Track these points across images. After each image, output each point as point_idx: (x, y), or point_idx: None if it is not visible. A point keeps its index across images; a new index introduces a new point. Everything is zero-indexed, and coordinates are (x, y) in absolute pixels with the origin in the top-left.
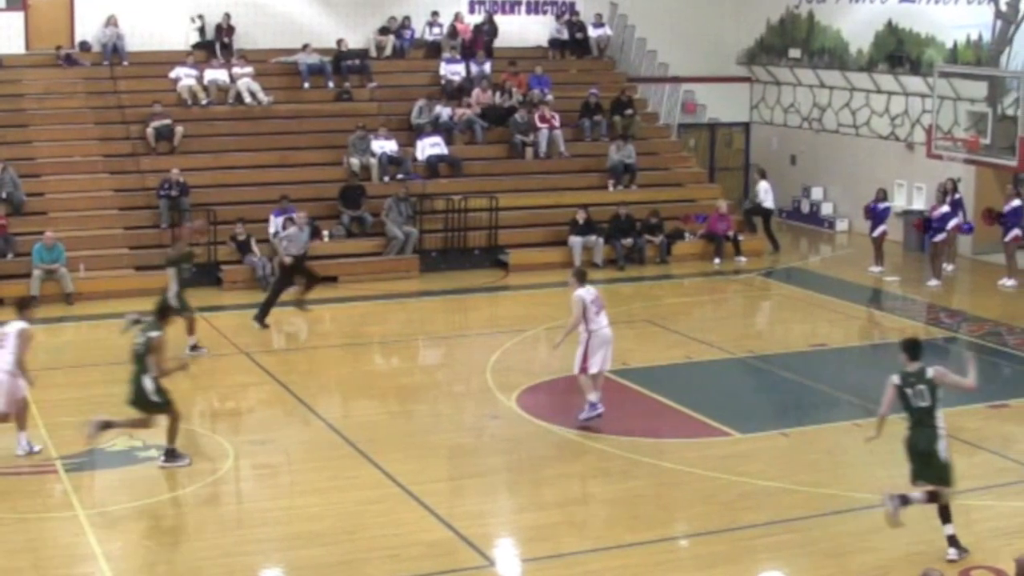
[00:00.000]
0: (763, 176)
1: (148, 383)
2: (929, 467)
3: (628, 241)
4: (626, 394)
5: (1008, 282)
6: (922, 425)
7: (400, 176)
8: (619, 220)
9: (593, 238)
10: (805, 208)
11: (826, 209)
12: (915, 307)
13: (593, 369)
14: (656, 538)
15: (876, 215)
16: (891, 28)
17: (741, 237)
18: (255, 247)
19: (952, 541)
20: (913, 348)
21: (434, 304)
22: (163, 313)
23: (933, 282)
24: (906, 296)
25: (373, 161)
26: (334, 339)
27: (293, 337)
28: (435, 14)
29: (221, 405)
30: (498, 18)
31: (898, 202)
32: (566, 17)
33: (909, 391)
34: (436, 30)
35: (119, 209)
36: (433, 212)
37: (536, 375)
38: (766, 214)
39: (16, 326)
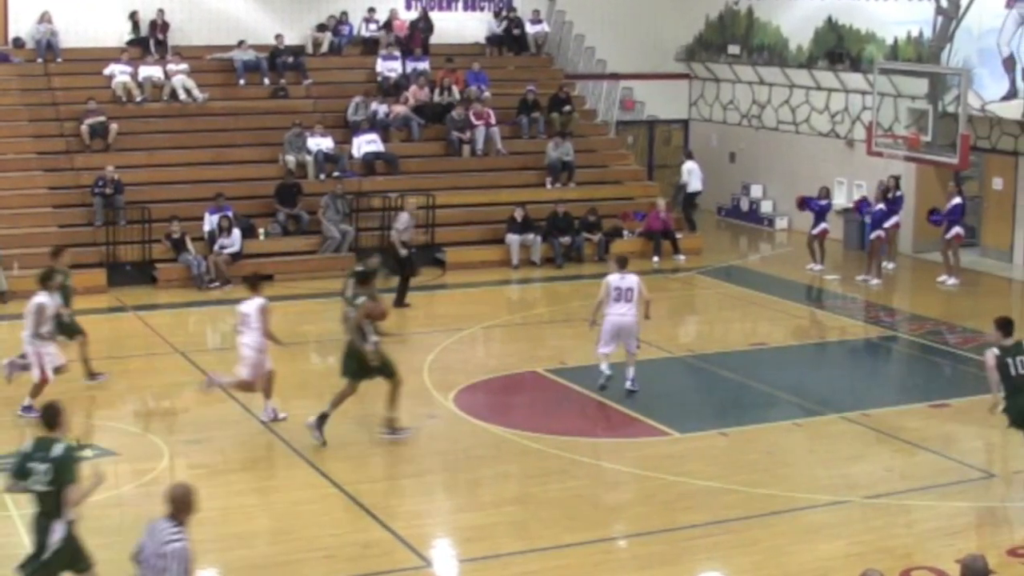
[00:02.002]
0: (689, 157)
1: (368, 348)
2: None
3: (566, 239)
4: (564, 393)
5: (949, 280)
6: None
7: (336, 174)
8: (557, 218)
9: (531, 236)
10: (744, 206)
11: (766, 207)
12: (855, 306)
13: (602, 349)
14: (595, 538)
15: (817, 212)
16: (831, 24)
17: (680, 235)
18: (190, 245)
19: None
20: (1007, 325)
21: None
22: (366, 278)
23: (874, 280)
24: (846, 295)
25: (309, 159)
26: None
27: (229, 336)
28: (371, 10)
29: (156, 404)
30: (436, 14)
31: (838, 200)
32: (504, 14)
33: (1010, 361)
34: (373, 26)
35: (53, 207)
36: (370, 210)
37: (473, 374)
38: (689, 196)
39: (255, 303)
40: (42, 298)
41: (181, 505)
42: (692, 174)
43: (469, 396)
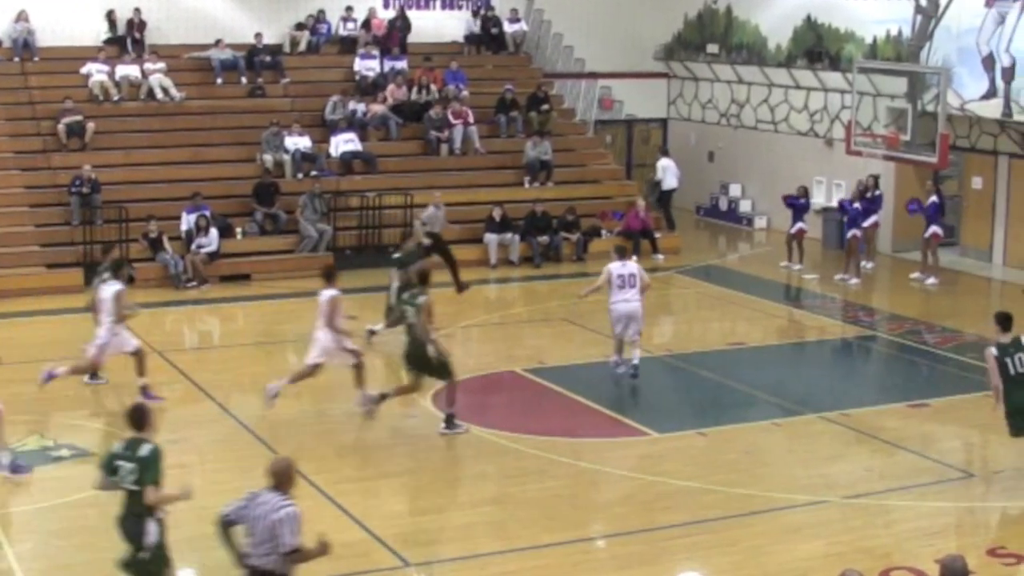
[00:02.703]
0: (665, 154)
1: (430, 348)
2: None
3: (544, 238)
4: (543, 393)
5: (928, 280)
6: None
7: (314, 173)
8: (535, 217)
9: (509, 235)
10: (723, 205)
11: (744, 206)
12: (834, 305)
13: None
14: (573, 538)
15: (795, 211)
16: (810, 23)
17: (659, 235)
18: (167, 244)
19: None
20: (1006, 320)
21: (348, 302)
22: (425, 278)
23: (852, 280)
24: (825, 294)
25: (287, 158)
26: (247, 337)
27: (206, 336)
28: (349, 9)
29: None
30: (414, 13)
31: (817, 199)
32: (482, 12)
33: (1008, 361)
34: (350, 25)
35: (30, 206)
36: (347, 209)
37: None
38: (664, 194)
39: (325, 295)
40: (119, 284)
41: (283, 477)
42: (667, 171)
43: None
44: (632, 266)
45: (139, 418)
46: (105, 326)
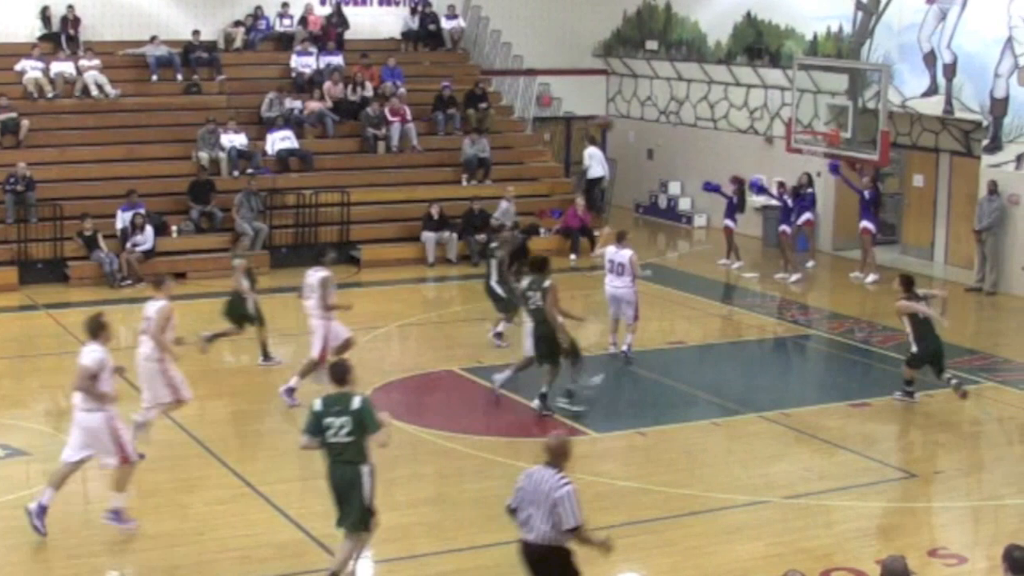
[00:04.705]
0: (592, 142)
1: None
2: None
3: (482, 236)
4: (481, 392)
5: (868, 278)
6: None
7: (250, 171)
8: (473, 215)
9: (447, 233)
10: (663, 203)
11: (684, 204)
12: (774, 304)
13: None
14: (511, 539)
15: (730, 207)
16: (750, 20)
17: (597, 233)
18: (102, 243)
19: None
20: (909, 282)
21: (284, 301)
22: (544, 264)
23: (793, 277)
24: (765, 293)
25: (222, 155)
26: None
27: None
28: (286, 5)
29: (68, 404)
30: (351, 9)
31: (757, 197)
32: (419, 9)
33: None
34: (287, 21)
35: None
36: (284, 207)
37: (389, 373)
38: (591, 183)
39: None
40: (324, 272)
41: (559, 454)
42: (593, 159)
43: (384, 395)
44: (625, 254)
45: (342, 374)
46: (316, 316)
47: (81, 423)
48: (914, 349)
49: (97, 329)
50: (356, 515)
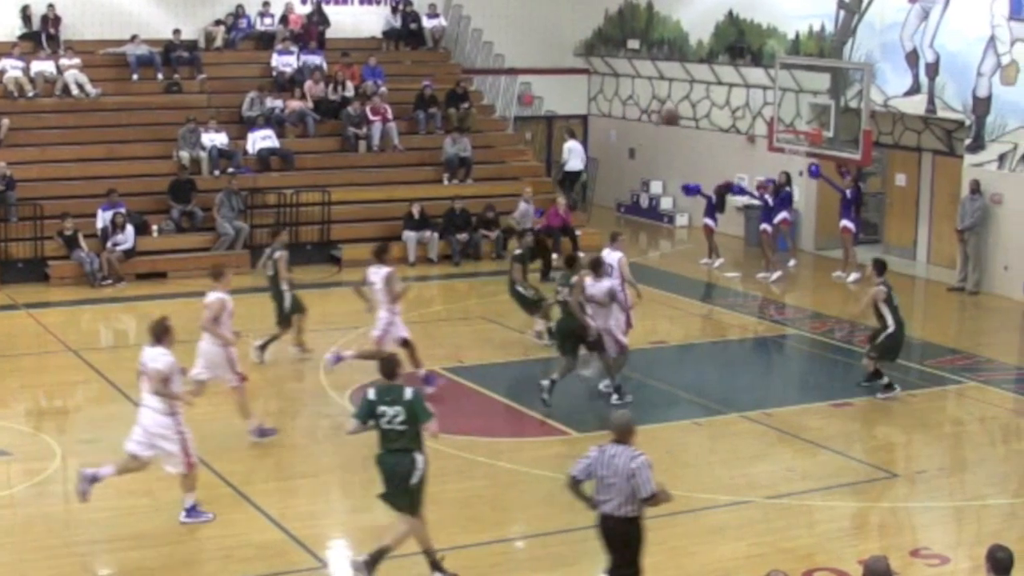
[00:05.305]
0: (572, 136)
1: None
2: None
3: (463, 236)
4: (462, 392)
5: (850, 277)
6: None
7: (231, 170)
8: (454, 214)
9: (428, 233)
10: (644, 202)
11: (665, 203)
12: (756, 303)
13: None
14: (492, 539)
15: (709, 206)
16: (732, 19)
17: (579, 232)
18: (83, 242)
19: None
20: (882, 266)
21: (265, 300)
22: (574, 261)
23: (774, 275)
24: (747, 292)
25: (203, 155)
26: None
27: (122, 335)
28: (266, 4)
29: (48, 403)
30: (332, 8)
31: (738, 197)
32: (400, 8)
33: (894, 295)
34: (268, 20)
35: None
36: (264, 206)
37: (370, 373)
38: (567, 175)
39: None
40: (389, 267)
41: (625, 431)
42: (572, 152)
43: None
44: (615, 256)
45: (392, 368)
46: (384, 309)
47: (150, 428)
48: (890, 330)
49: (162, 333)
50: (408, 499)
